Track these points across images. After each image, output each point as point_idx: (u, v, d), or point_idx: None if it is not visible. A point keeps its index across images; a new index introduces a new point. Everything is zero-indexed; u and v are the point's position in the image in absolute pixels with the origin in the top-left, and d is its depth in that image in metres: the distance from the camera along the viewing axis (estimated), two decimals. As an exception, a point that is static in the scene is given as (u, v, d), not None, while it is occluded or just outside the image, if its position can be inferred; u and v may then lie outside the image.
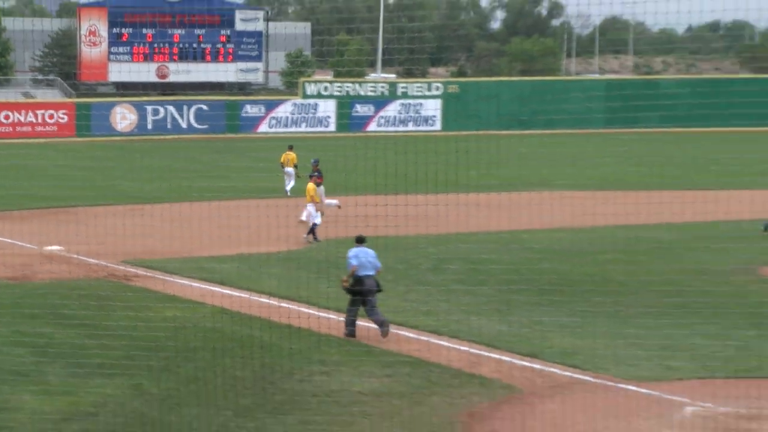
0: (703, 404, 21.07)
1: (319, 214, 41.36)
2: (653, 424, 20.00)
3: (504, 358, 24.46)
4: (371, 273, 26.79)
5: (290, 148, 58.56)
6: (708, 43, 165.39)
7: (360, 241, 27.76)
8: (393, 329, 26.76)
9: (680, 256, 36.83)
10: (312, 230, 40.91)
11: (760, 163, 67.21)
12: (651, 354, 24.42)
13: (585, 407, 20.88)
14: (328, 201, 45.15)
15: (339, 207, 44.46)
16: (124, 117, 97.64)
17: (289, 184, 55.19)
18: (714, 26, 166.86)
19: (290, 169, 55.76)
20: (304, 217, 41.74)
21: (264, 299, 30.17)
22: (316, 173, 45.65)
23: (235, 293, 31.46)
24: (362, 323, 27.12)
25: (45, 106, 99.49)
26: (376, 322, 26.68)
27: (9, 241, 39.77)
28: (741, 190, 50.69)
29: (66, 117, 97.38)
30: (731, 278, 33.09)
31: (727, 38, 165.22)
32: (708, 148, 79.48)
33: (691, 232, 41.40)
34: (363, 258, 26.87)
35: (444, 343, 25.69)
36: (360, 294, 26.63)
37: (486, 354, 24.68)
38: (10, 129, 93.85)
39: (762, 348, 24.81)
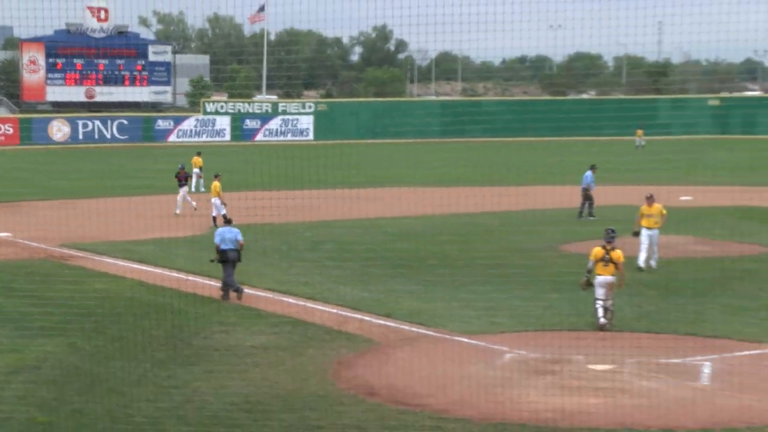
0: (519, 351, 21.32)
1: (223, 206, 40.93)
2: (481, 367, 20.16)
3: (365, 318, 24.47)
4: (233, 247, 26.68)
5: (198, 153, 58.10)
6: (518, 72, 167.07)
7: (228, 222, 28.18)
8: (278, 297, 26.75)
9: (500, 237, 37.22)
10: (215, 219, 40.54)
11: (559, 165, 68.11)
12: (479, 313, 24.57)
13: (428, 355, 20.98)
14: (188, 198, 44.60)
15: (195, 209, 43.93)
16: (59, 129, 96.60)
17: (195, 183, 54.53)
18: (522, 59, 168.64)
19: (197, 170, 55.22)
20: (215, 212, 41.04)
21: (174, 274, 30.00)
22: (183, 177, 45.06)
23: (151, 269, 31.21)
24: (252, 291, 27.05)
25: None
26: (228, 283, 26.74)
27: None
28: (545, 186, 51.45)
29: (11, 129, 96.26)
30: (539, 254, 33.46)
31: (531, 69, 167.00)
32: (519, 153, 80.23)
33: (507, 219, 41.80)
34: (227, 236, 26.86)
35: (318, 306, 25.66)
36: (225, 262, 26.65)
37: (351, 315, 24.70)
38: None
39: (562, 307, 25.11)
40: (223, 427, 16.53)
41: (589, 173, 43.43)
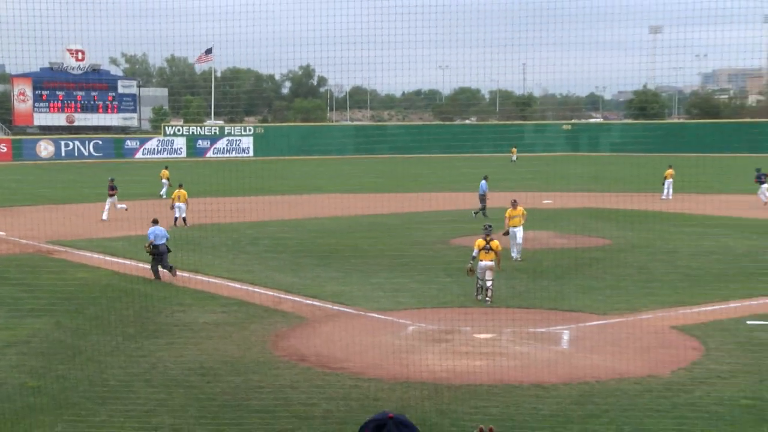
0: (419, 324, 21.34)
1: (183, 206, 40.44)
2: (389, 337, 20.15)
3: (296, 299, 24.35)
4: (163, 241, 27.45)
5: (166, 167, 57.32)
6: (414, 102, 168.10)
7: (155, 222, 28.44)
8: (226, 282, 26.48)
9: (402, 233, 37.27)
10: (176, 220, 40.00)
11: (449, 177, 68.39)
12: (387, 294, 24.59)
13: (347, 328, 20.91)
14: (119, 205, 43.67)
15: (126, 210, 43.02)
16: (45, 148, 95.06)
17: (163, 190, 53.70)
18: (418, 92, 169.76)
19: (165, 181, 54.42)
20: (177, 214, 40.46)
21: (141, 265, 29.50)
22: (112, 188, 44.01)
23: (123, 261, 30.68)
24: (205, 278, 26.72)
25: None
26: (165, 267, 27.30)
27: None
28: (437, 193, 51.66)
29: (5, 148, 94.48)
30: (433, 246, 33.61)
31: (425, 99, 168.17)
32: (416, 167, 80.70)
33: (408, 219, 41.94)
34: (159, 233, 27.55)
35: (258, 290, 25.44)
36: (157, 254, 27.22)
37: (285, 297, 24.53)
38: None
39: (453, 289, 25.21)
40: (182, 387, 16.41)
41: (483, 182, 43.66)
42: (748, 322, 21.08)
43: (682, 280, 26.27)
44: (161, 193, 53.04)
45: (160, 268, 27.43)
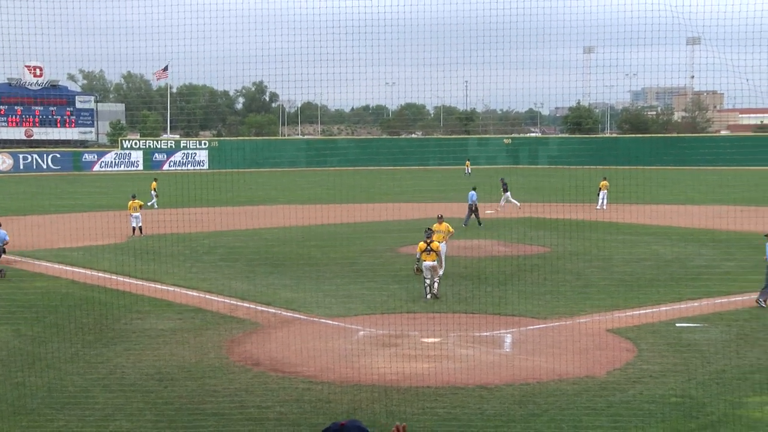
0: (369, 329, 21.30)
1: (139, 216, 40.19)
2: (341, 342, 20.09)
3: (251, 306, 24.18)
4: (4, 240, 29.56)
5: (155, 179, 56.69)
6: (363, 117, 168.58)
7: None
8: (183, 290, 26.20)
9: (352, 242, 37.15)
10: (134, 230, 39.70)
11: (396, 188, 68.70)
12: (338, 301, 24.53)
13: (300, 333, 20.82)
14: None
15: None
16: (3, 161, 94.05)
17: (152, 201, 53.02)
18: (366, 108, 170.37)
19: (153, 192, 53.78)
20: (133, 224, 40.22)
21: (99, 274, 29.21)
22: None
23: (81, 270, 30.25)
24: (162, 286, 26.43)
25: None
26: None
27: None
28: (385, 203, 51.67)
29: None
30: (382, 254, 33.56)
31: (373, 115, 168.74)
32: (365, 179, 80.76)
33: (357, 228, 41.85)
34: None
35: (214, 297, 25.24)
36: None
37: (240, 304, 24.35)
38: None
39: (401, 295, 25.22)
40: (140, 392, 16.21)
41: (473, 192, 43.62)
42: (677, 325, 21.35)
43: (616, 286, 26.56)
44: (150, 203, 52.38)
45: None
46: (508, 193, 50.89)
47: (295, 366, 17.95)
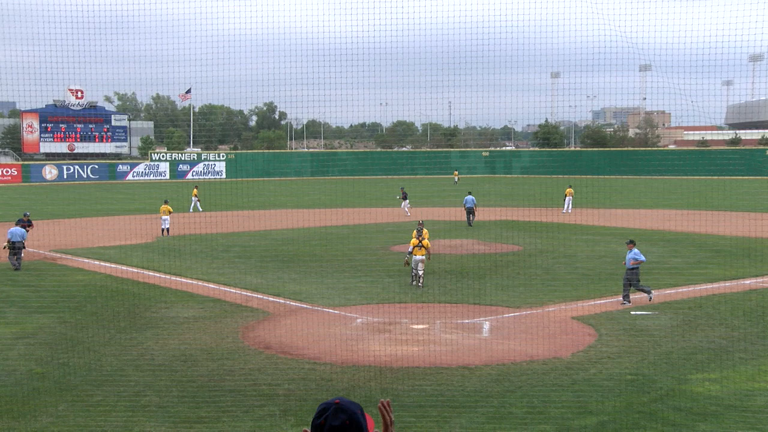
0: (365, 317, 21.29)
1: (168, 219, 40.16)
2: (341, 329, 20.07)
3: (262, 297, 24.14)
4: (20, 240, 29.19)
5: (196, 187, 56.41)
6: (360, 133, 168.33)
7: (18, 223, 30.71)
8: (203, 283, 26.16)
9: (352, 241, 37.16)
10: (163, 231, 39.63)
11: (389, 195, 68.69)
12: (338, 292, 24.51)
13: (306, 321, 20.81)
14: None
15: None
16: (49, 172, 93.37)
17: (192, 206, 52.57)
18: (363, 125, 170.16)
19: (194, 198, 53.31)
20: (163, 225, 40.08)
21: (132, 269, 29.15)
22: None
23: (116, 266, 30.13)
24: (184, 279, 26.39)
25: (4, 166, 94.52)
26: (17, 267, 28.82)
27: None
28: (380, 208, 51.74)
29: (16, 172, 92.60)
30: (377, 252, 33.52)
31: (369, 131, 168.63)
32: (362, 187, 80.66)
33: (355, 230, 41.80)
34: (17, 233, 29.31)
35: (230, 290, 25.21)
36: (14, 249, 28.79)
37: (253, 295, 24.32)
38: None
39: (393, 288, 25.22)
40: (167, 372, 16.18)
41: (470, 197, 43.46)
42: (632, 312, 21.40)
43: (580, 279, 26.60)
44: (191, 208, 52.28)
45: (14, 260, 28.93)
46: (407, 201, 50.56)
47: (301, 349, 17.94)
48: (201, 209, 51.41)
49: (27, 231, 31.20)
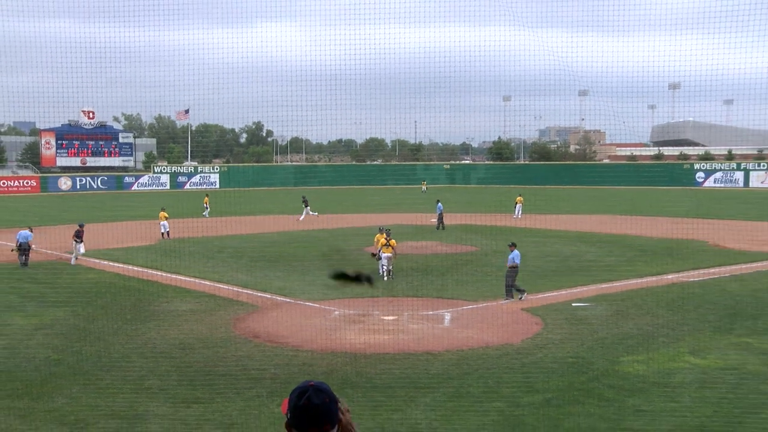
0: (342, 310, 21.25)
1: (167, 224, 39.87)
2: (320, 320, 20.03)
3: (251, 292, 23.99)
4: (27, 241, 29.29)
5: (207, 195, 55.72)
6: (337, 148, 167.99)
7: (28, 228, 30.37)
8: (199, 281, 25.93)
9: (329, 243, 37.05)
10: (162, 234, 39.28)
11: (362, 202, 68.53)
12: (318, 288, 24.37)
13: (290, 313, 20.74)
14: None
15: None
16: (65, 183, 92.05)
17: (205, 212, 52.12)
18: (339, 141, 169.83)
19: (206, 205, 52.63)
20: (162, 230, 39.81)
21: (136, 268, 28.84)
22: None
23: (122, 265, 29.78)
24: (182, 277, 26.16)
25: (24, 178, 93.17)
26: (25, 264, 29.00)
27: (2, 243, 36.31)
28: (353, 214, 51.64)
29: (35, 183, 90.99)
30: (352, 253, 33.28)
31: (345, 146, 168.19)
32: (339, 195, 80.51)
33: (333, 233, 41.66)
34: (24, 234, 29.59)
35: (223, 286, 25.01)
36: (22, 249, 29.03)
37: (242, 291, 24.15)
38: (6, 188, 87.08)
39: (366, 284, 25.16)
40: (167, 358, 16.05)
41: (440, 204, 43.40)
42: (573, 304, 21.56)
43: (529, 275, 26.66)
44: (204, 214, 51.78)
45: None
46: (308, 207, 50.01)
47: (285, 338, 17.85)
48: (208, 216, 50.98)
49: (78, 239, 30.83)
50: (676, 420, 12.05)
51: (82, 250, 31.12)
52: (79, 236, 31.16)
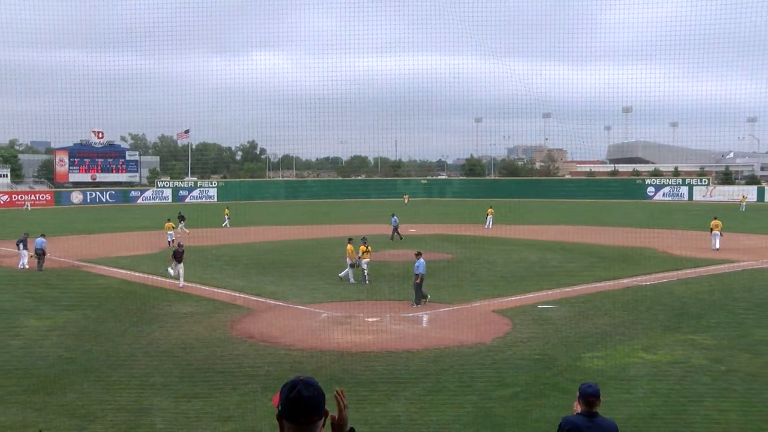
0: (329, 312, 21.19)
1: (172, 233, 39.78)
2: (311, 321, 19.96)
3: (246, 296, 23.88)
4: (43, 247, 29.78)
5: (227, 208, 55.16)
6: (324, 165, 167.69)
7: (42, 236, 30.84)
8: (198, 285, 25.75)
9: (317, 251, 36.92)
10: (169, 243, 39.04)
11: (347, 214, 68.41)
12: (307, 292, 24.35)
13: (281, 315, 20.65)
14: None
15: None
16: (76, 197, 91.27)
17: (225, 223, 51.69)
18: (327, 158, 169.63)
19: (226, 216, 52.12)
20: (168, 239, 39.59)
21: (141, 274, 28.60)
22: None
23: (128, 272, 29.57)
24: (184, 282, 25.97)
25: (40, 192, 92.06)
26: (40, 268, 29.34)
27: (15, 251, 35.86)
28: (339, 225, 51.52)
29: (50, 197, 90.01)
30: (338, 260, 32.90)
31: (331, 163, 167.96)
32: (326, 207, 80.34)
33: (320, 242, 41.47)
34: (40, 241, 30.11)
35: (220, 290, 24.88)
36: (38, 255, 29.59)
37: (238, 295, 24.02)
38: (23, 201, 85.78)
39: (351, 289, 25.16)
40: (169, 357, 15.92)
41: (395, 218, 43.36)
42: (539, 306, 21.66)
43: (499, 280, 26.84)
44: (224, 224, 51.37)
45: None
46: (183, 224, 46.21)
47: (277, 338, 17.77)
48: (229, 226, 50.40)
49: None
50: (631, 410, 12.13)
51: (27, 258, 30.81)
52: (24, 243, 31.46)
